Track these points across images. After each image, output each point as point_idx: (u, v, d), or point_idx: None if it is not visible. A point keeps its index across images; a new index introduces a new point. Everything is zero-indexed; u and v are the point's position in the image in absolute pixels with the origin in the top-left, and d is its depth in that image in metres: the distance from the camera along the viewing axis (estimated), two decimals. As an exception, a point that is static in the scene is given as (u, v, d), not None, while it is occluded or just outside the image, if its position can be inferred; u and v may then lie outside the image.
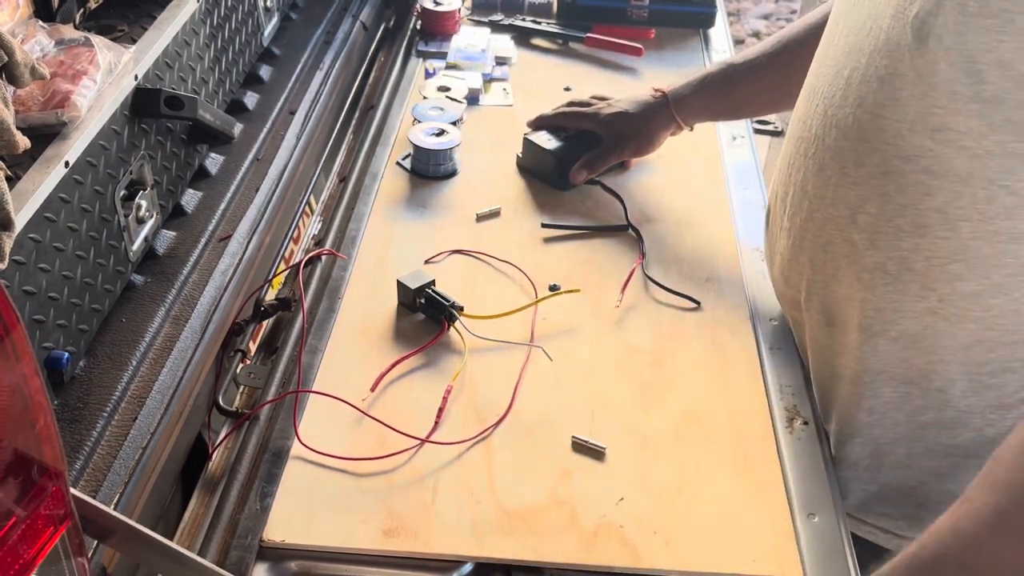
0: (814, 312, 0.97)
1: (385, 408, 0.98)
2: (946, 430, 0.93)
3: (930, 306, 0.86)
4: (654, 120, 1.27)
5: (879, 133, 0.84)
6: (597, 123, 1.30)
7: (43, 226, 0.85)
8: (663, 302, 1.14)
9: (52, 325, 0.87)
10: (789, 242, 0.99)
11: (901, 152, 0.82)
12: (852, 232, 0.89)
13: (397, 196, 1.31)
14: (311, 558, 0.85)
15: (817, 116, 0.92)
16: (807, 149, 0.94)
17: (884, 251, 0.87)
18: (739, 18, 4.56)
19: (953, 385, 0.90)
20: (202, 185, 1.19)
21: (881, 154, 0.84)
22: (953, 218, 0.82)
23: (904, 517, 0.99)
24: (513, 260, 1.18)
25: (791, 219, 0.98)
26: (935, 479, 0.96)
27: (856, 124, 0.86)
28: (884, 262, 0.87)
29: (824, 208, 0.91)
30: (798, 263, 0.98)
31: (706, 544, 0.86)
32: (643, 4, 1.72)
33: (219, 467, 0.96)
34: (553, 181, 1.33)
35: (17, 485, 0.55)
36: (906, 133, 0.82)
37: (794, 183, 0.97)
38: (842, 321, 0.94)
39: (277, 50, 1.48)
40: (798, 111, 0.98)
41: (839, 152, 0.88)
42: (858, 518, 1.01)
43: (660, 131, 1.28)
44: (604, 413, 0.98)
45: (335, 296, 1.13)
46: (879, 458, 0.97)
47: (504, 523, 0.87)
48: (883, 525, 1.00)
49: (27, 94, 0.92)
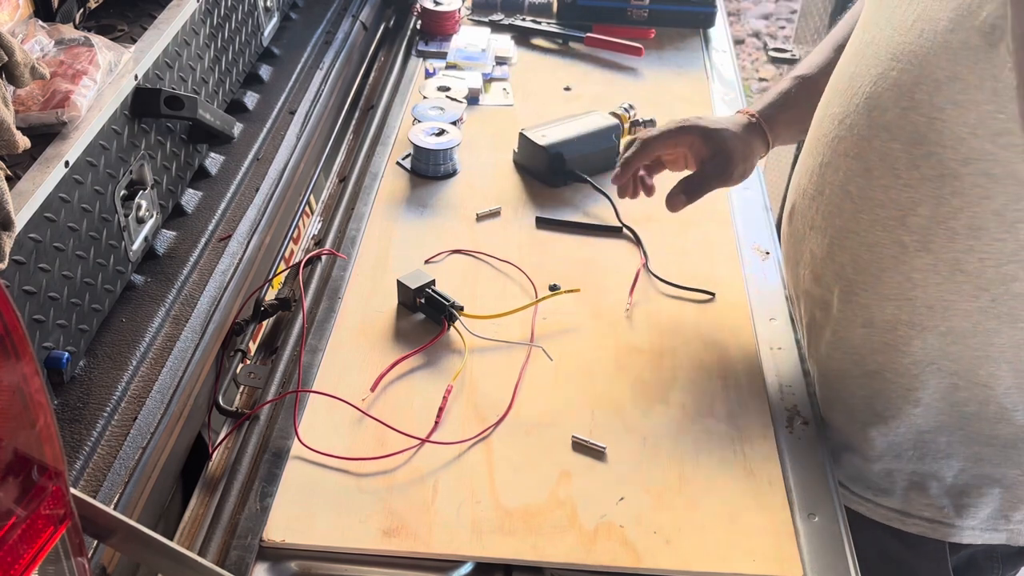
0: (850, 313, 0.96)
1: (385, 408, 0.98)
2: (988, 422, 0.94)
3: (982, 305, 0.87)
4: (755, 143, 1.13)
5: (936, 136, 0.83)
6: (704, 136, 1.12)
7: (43, 226, 0.85)
8: (663, 302, 1.14)
9: (52, 325, 0.87)
10: (825, 241, 0.98)
11: (959, 155, 0.82)
12: (902, 234, 0.89)
13: (397, 196, 1.31)
14: (311, 558, 0.85)
15: (860, 116, 0.91)
16: (848, 149, 0.93)
17: (936, 253, 0.87)
18: (739, 18, 4.56)
19: (999, 381, 0.91)
20: (202, 185, 1.19)
21: (938, 157, 0.84)
22: (1011, 220, 0.83)
23: (950, 505, 0.99)
24: (513, 260, 1.18)
25: (827, 219, 0.97)
26: (975, 464, 0.97)
27: (911, 127, 0.85)
28: (936, 263, 0.87)
29: (872, 210, 0.91)
30: (834, 263, 0.97)
31: (706, 544, 0.86)
32: (643, 4, 1.72)
33: (219, 467, 0.96)
34: (545, 177, 1.33)
35: (17, 485, 0.55)
36: (966, 137, 0.81)
37: (830, 183, 0.96)
38: (882, 320, 0.93)
39: (277, 50, 1.48)
40: (831, 109, 0.97)
41: (889, 155, 0.88)
42: (904, 512, 1.01)
43: (759, 155, 1.15)
44: (604, 413, 0.98)
45: (335, 296, 1.13)
46: (921, 448, 0.98)
47: (504, 523, 0.87)
48: (929, 515, 1.00)
49: (27, 94, 0.92)
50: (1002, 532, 1.00)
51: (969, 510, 0.99)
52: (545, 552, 0.85)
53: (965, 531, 0.99)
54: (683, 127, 1.13)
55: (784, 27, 4.46)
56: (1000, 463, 0.96)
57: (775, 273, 1.19)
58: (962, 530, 0.99)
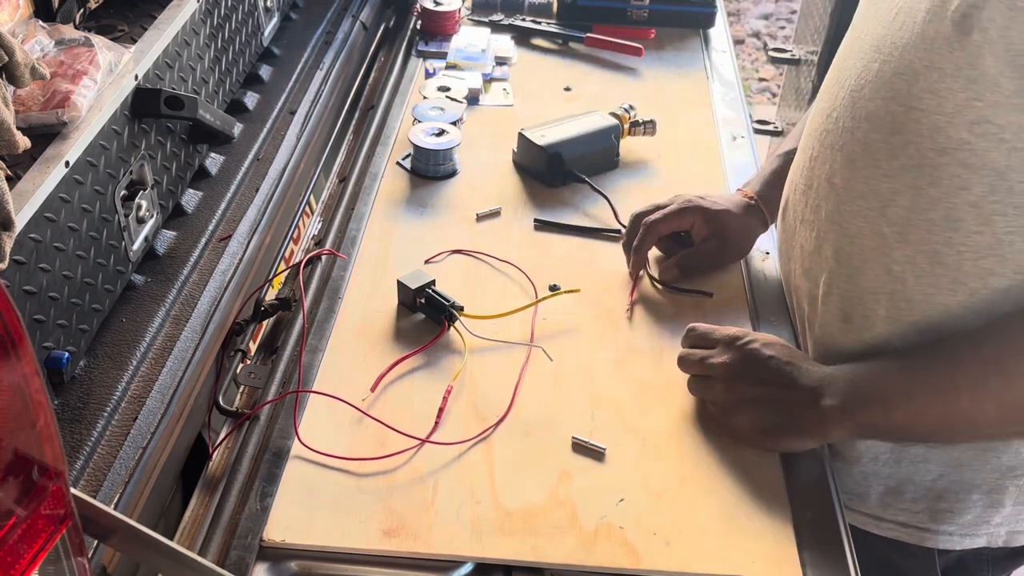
0: (832, 307, 0.97)
1: (385, 408, 0.98)
2: None
3: (960, 300, 0.87)
4: (753, 224, 1.17)
5: (914, 126, 0.84)
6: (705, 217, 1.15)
7: (43, 226, 0.85)
8: (663, 302, 1.14)
9: (52, 325, 0.87)
10: (812, 235, 0.98)
11: (937, 145, 0.83)
12: (882, 225, 0.89)
13: (397, 196, 1.31)
14: (311, 558, 0.85)
15: (844, 109, 0.92)
16: (834, 142, 0.93)
17: (915, 244, 0.87)
18: (739, 18, 4.56)
19: None
20: (202, 185, 1.19)
21: (915, 146, 0.84)
22: (988, 212, 0.82)
23: (925, 510, 0.99)
24: (513, 260, 1.18)
25: (815, 211, 0.97)
26: (954, 469, 0.97)
27: (889, 117, 0.86)
28: (915, 255, 0.87)
29: (853, 201, 0.91)
30: (820, 256, 0.97)
31: (706, 545, 0.86)
32: (643, 4, 1.72)
33: (219, 467, 0.96)
34: (544, 177, 1.33)
35: (17, 485, 0.55)
36: (943, 126, 0.82)
37: (817, 175, 0.96)
38: (861, 316, 0.94)
39: (277, 50, 1.48)
40: (820, 104, 0.98)
41: (870, 145, 0.88)
42: (878, 516, 1.01)
43: (757, 234, 1.19)
44: (604, 413, 0.99)
45: (335, 296, 1.13)
46: (899, 452, 0.98)
47: (504, 523, 0.87)
48: (903, 519, 1.00)
49: (27, 94, 0.92)
50: (982, 536, 0.99)
51: (946, 515, 0.98)
52: (545, 553, 0.85)
53: (941, 536, 0.99)
54: (685, 208, 1.16)
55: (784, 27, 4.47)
56: (979, 467, 0.96)
57: (775, 273, 1.19)
58: (937, 535, 0.99)
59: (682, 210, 1.15)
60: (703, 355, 0.97)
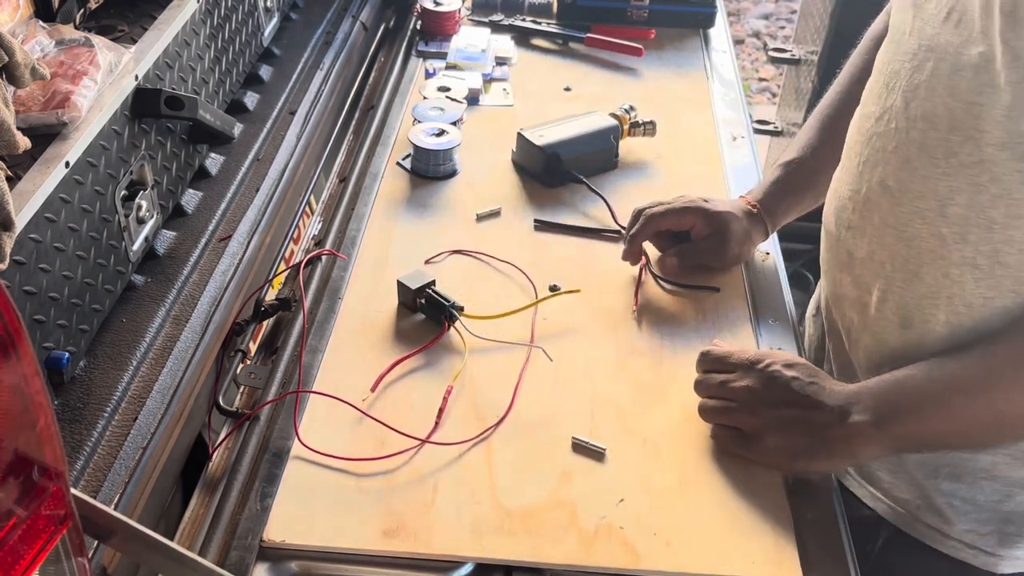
0: (888, 313, 0.94)
1: (385, 408, 0.98)
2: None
3: (1021, 302, 0.85)
4: (754, 231, 1.17)
5: (973, 121, 0.83)
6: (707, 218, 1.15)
7: (43, 226, 0.85)
8: (664, 303, 1.14)
9: (52, 325, 0.87)
10: (863, 241, 0.96)
11: (996, 139, 0.81)
12: (941, 225, 0.87)
13: (397, 196, 1.31)
14: (311, 558, 0.85)
15: (897, 111, 0.90)
16: (885, 144, 0.92)
17: (975, 244, 0.85)
18: (739, 18, 4.56)
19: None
20: (202, 185, 1.19)
21: (975, 142, 0.83)
22: None
23: (993, 532, 0.96)
24: (513, 260, 1.18)
25: (866, 217, 0.95)
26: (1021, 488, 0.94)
27: (948, 114, 0.85)
28: (974, 256, 0.86)
29: (910, 202, 0.89)
30: (873, 262, 0.95)
31: (706, 546, 0.86)
32: (643, 4, 1.72)
33: (219, 467, 0.96)
34: (542, 177, 1.33)
35: (18, 485, 0.55)
36: (1002, 119, 0.81)
37: (867, 180, 0.94)
38: (920, 321, 0.91)
39: (277, 50, 1.48)
40: (866, 109, 0.96)
41: (927, 143, 0.87)
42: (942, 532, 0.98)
43: (757, 242, 1.19)
44: (604, 413, 0.99)
45: (335, 296, 1.13)
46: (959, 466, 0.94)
47: (504, 523, 0.87)
48: (969, 540, 0.97)
49: (27, 94, 0.92)
50: None
51: (1012, 539, 0.95)
52: (545, 553, 0.85)
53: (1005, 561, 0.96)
54: (687, 208, 1.16)
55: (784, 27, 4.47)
56: None
57: (775, 274, 1.19)
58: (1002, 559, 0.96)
59: (684, 208, 1.15)
60: (723, 379, 0.95)
